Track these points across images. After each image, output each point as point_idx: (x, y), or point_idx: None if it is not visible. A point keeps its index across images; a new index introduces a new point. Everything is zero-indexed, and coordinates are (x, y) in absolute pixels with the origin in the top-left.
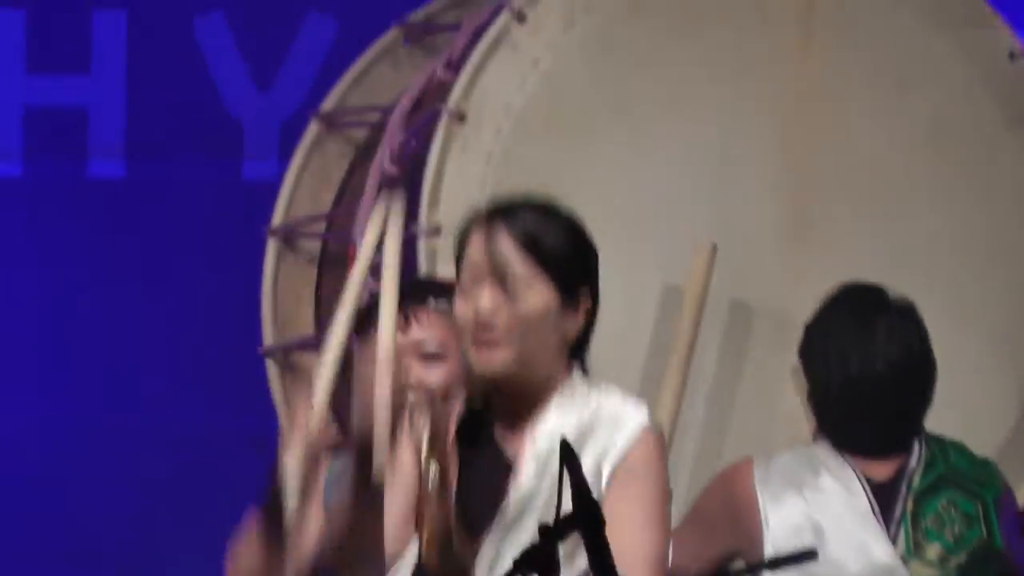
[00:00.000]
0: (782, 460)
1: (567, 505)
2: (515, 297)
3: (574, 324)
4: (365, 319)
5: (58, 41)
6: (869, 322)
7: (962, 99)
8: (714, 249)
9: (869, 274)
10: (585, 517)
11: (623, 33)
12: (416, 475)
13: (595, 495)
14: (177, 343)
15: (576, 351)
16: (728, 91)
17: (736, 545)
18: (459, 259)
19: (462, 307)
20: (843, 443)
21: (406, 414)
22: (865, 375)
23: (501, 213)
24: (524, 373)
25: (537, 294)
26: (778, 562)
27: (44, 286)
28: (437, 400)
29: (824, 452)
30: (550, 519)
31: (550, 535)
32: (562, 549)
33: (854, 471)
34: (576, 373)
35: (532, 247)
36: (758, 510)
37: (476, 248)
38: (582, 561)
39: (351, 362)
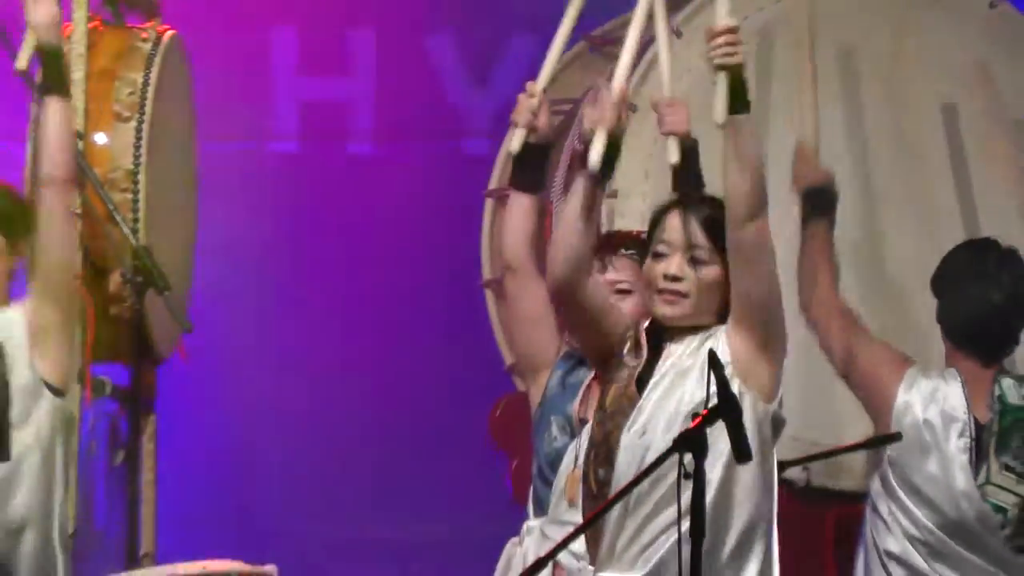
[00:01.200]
0: (924, 381)
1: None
2: (699, 267)
3: (728, 291)
4: None
5: (323, 51)
6: (984, 259)
7: None
8: None
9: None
10: (727, 409)
11: (757, 48)
12: None
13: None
14: (416, 279)
15: (727, 310)
16: (833, 94)
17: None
18: (652, 229)
19: (654, 267)
20: (961, 350)
21: None
22: (982, 297)
23: (693, 204)
24: (691, 322)
25: (711, 269)
26: (871, 443)
27: (315, 235)
28: None
29: (950, 386)
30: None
31: (702, 422)
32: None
33: (967, 408)
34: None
35: (715, 232)
36: (892, 405)
37: (673, 226)
38: (723, 444)
39: None
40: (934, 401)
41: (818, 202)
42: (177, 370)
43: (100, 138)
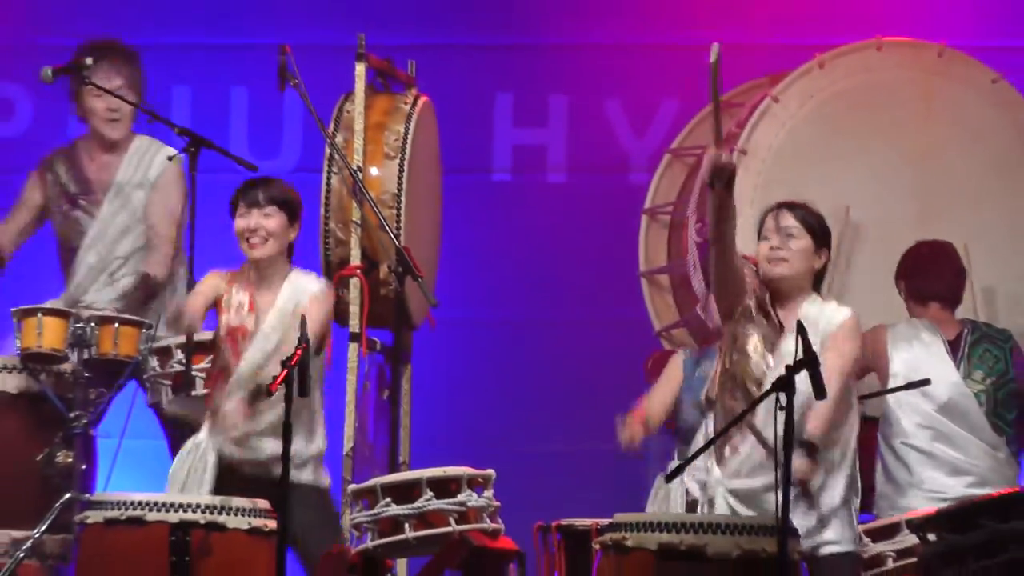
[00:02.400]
0: (900, 327)
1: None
2: (791, 241)
3: (818, 263)
4: None
5: (530, 109)
6: (932, 250)
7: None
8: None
9: (956, 238)
10: (809, 362)
11: (829, 111)
12: None
13: (816, 350)
14: (593, 269)
15: (818, 282)
16: (881, 145)
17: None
18: (762, 224)
19: (762, 244)
20: (927, 304)
21: None
22: (934, 274)
23: (785, 204)
24: (790, 280)
25: (801, 241)
26: (909, 386)
27: (523, 239)
28: None
29: (920, 323)
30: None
31: (792, 370)
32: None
33: (938, 334)
34: (815, 293)
35: (800, 218)
36: (888, 356)
37: (771, 219)
38: (805, 387)
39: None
40: (918, 338)
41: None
42: (426, 334)
43: (374, 171)
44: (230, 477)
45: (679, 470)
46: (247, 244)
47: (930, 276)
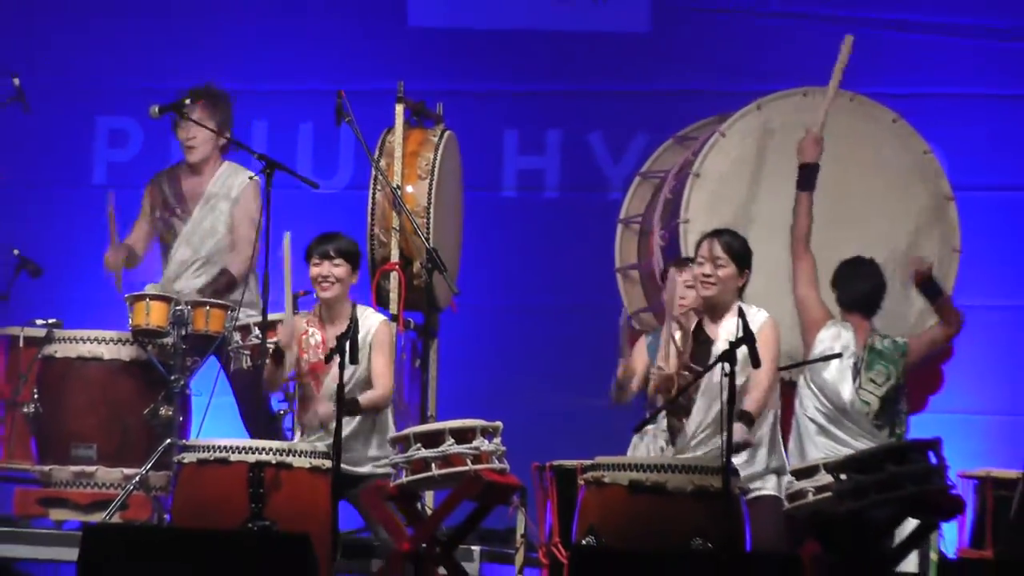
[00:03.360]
0: (834, 328)
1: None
2: (719, 269)
3: (740, 282)
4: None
5: (531, 141)
6: (853, 264)
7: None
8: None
9: (854, 244)
10: (749, 339)
11: (766, 144)
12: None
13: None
14: (579, 269)
15: (740, 294)
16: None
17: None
18: (698, 248)
19: (698, 269)
20: (851, 312)
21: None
22: (855, 286)
23: (715, 233)
24: (718, 298)
25: (728, 268)
26: (823, 358)
27: (538, 238)
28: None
29: (847, 331)
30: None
31: (735, 345)
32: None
33: (852, 341)
34: (738, 302)
35: (726, 247)
36: (817, 338)
37: (705, 246)
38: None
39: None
40: (839, 338)
41: (806, 177)
42: (449, 316)
43: (409, 188)
44: None
45: (642, 425)
46: (319, 287)
47: (854, 288)
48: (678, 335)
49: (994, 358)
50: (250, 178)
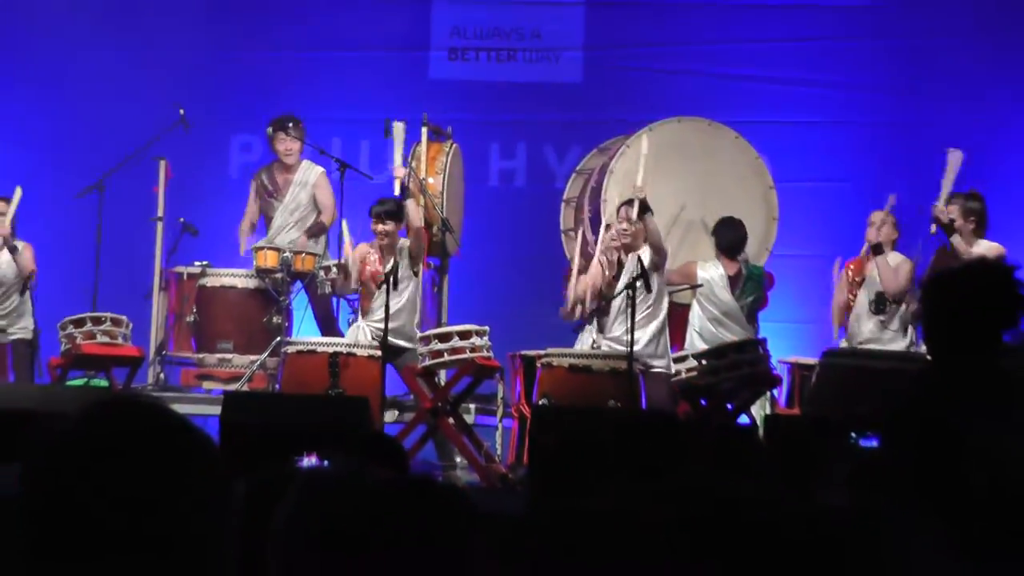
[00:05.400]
0: (708, 263)
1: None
2: (632, 227)
3: (642, 234)
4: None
5: (507, 152)
6: (730, 223)
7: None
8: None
9: (713, 215)
10: (644, 274)
11: (658, 153)
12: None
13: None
14: (537, 230)
15: (645, 240)
16: (685, 172)
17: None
18: (617, 212)
19: (617, 225)
20: (723, 251)
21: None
22: (727, 236)
23: (628, 202)
24: (631, 243)
25: (638, 225)
26: (693, 287)
27: (494, 217)
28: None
29: (716, 263)
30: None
31: (635, 279)
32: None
33: (722, 270)
34: (645, 245)
35: (638, 211)
36: (697, 275)
37: (623, 210)
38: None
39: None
40: (708, 271)
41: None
42: (456, 260)
43: (431, 180)
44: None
45: (581, 327)
46: (377, 235)
47: (725, 236)
48: (606, 264)
49: (805, 289)
50: (321, 174)
